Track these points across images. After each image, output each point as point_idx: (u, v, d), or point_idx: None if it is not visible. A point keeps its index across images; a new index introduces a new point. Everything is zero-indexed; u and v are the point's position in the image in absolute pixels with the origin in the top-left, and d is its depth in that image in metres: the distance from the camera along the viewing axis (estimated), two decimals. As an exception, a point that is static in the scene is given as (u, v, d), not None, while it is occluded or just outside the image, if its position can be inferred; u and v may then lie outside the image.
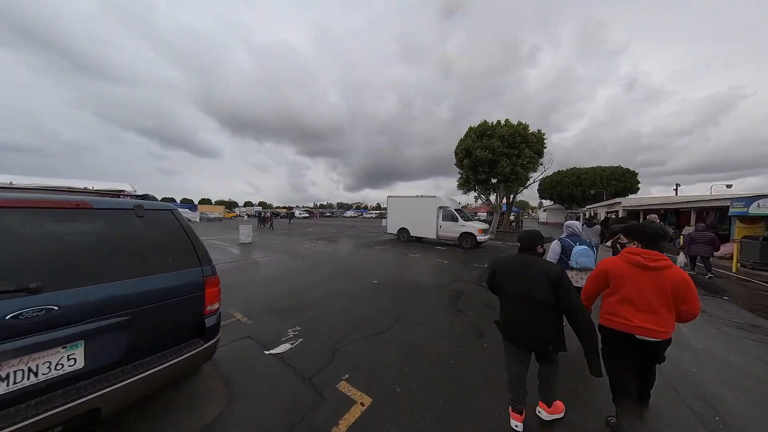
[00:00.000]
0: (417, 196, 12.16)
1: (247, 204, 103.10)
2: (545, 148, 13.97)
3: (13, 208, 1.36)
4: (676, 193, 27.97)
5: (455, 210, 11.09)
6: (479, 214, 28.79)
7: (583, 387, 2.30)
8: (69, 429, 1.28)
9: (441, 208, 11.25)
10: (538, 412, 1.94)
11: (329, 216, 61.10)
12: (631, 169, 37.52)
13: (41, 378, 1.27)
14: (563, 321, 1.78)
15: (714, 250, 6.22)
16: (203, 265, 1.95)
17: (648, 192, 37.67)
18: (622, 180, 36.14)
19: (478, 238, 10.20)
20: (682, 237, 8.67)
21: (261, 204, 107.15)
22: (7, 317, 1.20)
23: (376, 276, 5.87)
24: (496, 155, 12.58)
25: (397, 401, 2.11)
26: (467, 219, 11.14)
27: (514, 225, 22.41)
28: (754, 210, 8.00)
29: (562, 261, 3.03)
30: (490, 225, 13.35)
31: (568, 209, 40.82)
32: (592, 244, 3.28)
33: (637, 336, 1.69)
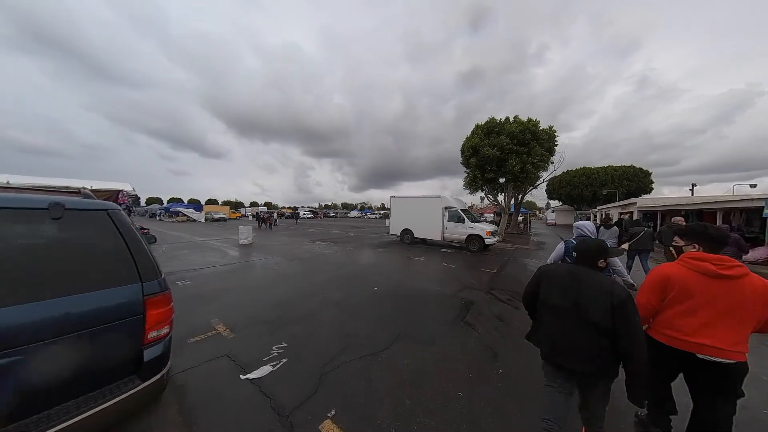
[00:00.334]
0: (421, 196, 11.69)
1: (253, 204, 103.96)
2: (556, 145, 13.31)
3: None
4: (692, 193, 26.81)
5: (462, 210, 10.58)
6: (485, 215, 28.10)
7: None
8: None
9: (447, 208, 10.76)
10: None
11: (333, 216, 61.00)
12: (645, 169, 36.27)
13: None
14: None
15: (742, 253, 5.63)
16: (145, 281, 1.53)
17: (660, 192, 36.39)
18: (634, 180, 34.94)
19: (486, 240, 9.67)
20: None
21: (266, 204, 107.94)
22: None
23: (376, 282, 5.43)
24: (504, 153, 11.98)
25: (394, 452, 1.68)
26: (474, 220, 10.62)
27: (522, 226, 21.69)
28: (792, 211, 7.29)
29: (565, 262, 2.82)
30: (497, 226, 12.79)
31: (577, 210, 39.70)
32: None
33: (699, 355, 1.43)
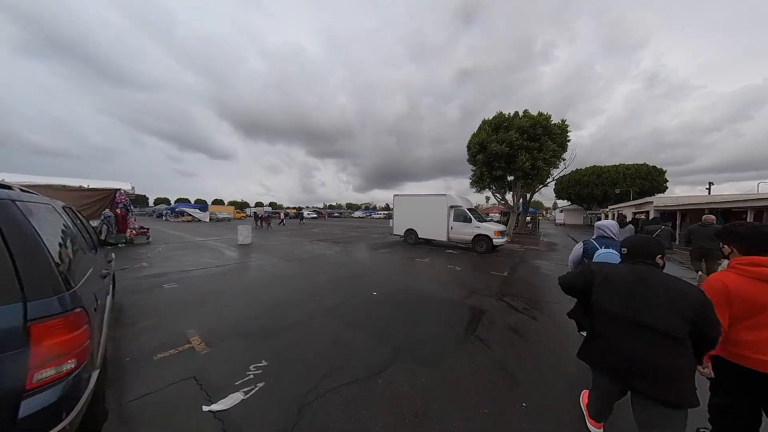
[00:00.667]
0: (426, 194, 11.19)
1: (258, 204, 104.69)
2: (569, 141, 12.63)
3: None
4: (708, 192, 25.72)
5: (468, 210, 10.06)
6: (491, 215, 27.35)
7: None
8: None
9: (452, 207, 10.25)
10: None
11: (337, 216, 60.81)
12: (658, 167, 34.99)
13: None
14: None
15: None
16: (32, 298, 1.10)
17: (671, 192, 35.02)
18: (647, 178, 33.74)
19: (494, 241, 9.13)
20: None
21: (271, 204, 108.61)
22: None
23: (376, 286, 4.99)
24: (514, 149, 11.37)
25: None
26: (482, 219, 10.08)
27: (530, 226, 20.96)
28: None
29: (581, 265, 2.56)
30: (506, 226, 12.21)
31: (587, 210, 38.56)
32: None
33: None
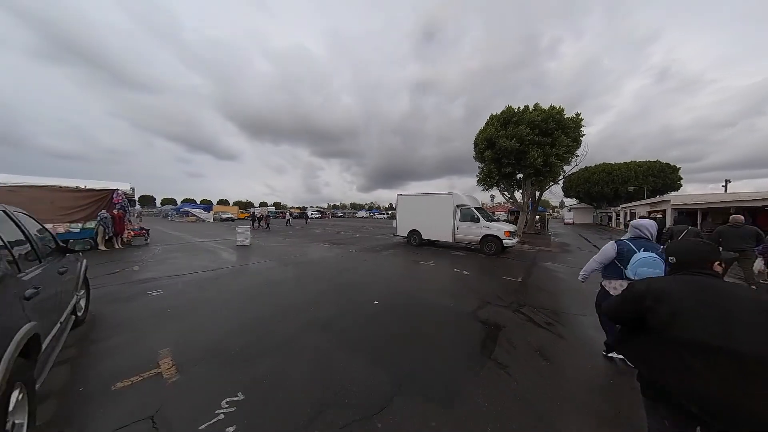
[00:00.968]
0: (430, 193, 10.69)
1: (263, 204, 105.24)
2: (582, 136, 11.94)
3: None
4: (725, 190, 24.67)
5: (476, 209, 9.53)
6: (497, 214, 26.61)
7: None
8: None
9: (458, 206, 9.73)
10: None
11: (341, 216, 60.64)
12: (672, 164, 33.79)
13: None
14: None
15: None
16: None
17: (683, 190, 33.79)
18: (660, 176, 32.61)
19: (504, 241, 8.60)
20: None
21: (275, 204, 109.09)
22: None
23: (377, 294, 4.54)
24: (524, 144, 10.76)
25: None
26: (490, 219, 9.55)
27: (539, 226, 20.23)
28: None
29: (614, 268, 2.50)
30: (515, 226, 11.63)
31: (597, 209, 37.50)
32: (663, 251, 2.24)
33: None
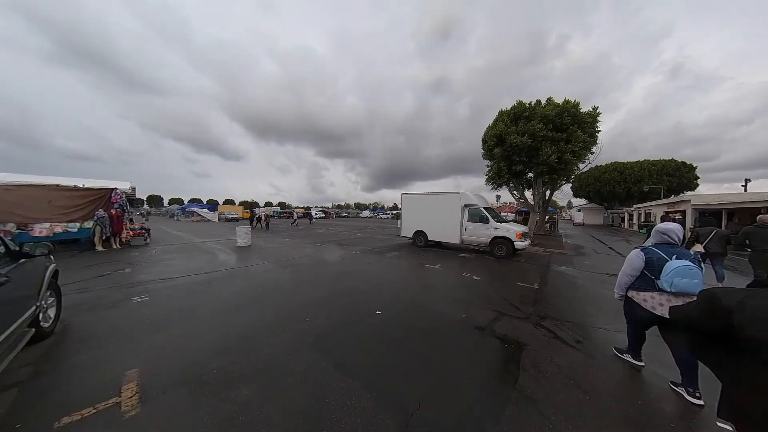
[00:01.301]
0: (437, 193, 10.21)
1: (267, 204, 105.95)
2: (599, 131, 11.26)
3: None
4: (744, 189, 23.60)
5: (485, 209, 9.03)
6: (504, 214, 25.85)
7: None
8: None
9: (467, 206, 9.24)
10: None
11: (345, 216, 60.45)
12: (688, 163, 32.55)
13: None
14: None
15: None
16: None
17: (698, 190, 32.57)
18: (676, 175, 31.42)
19: (515, 243, 8.08)
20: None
21: (280, 204, 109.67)
22: None
23: (380, 302, 4.11)
24: (536, 141, 10.18)
25: None
26: (500, 220, 9.03)
27: (548, 227, 19.51)
28: None
29: (644, 279, 2.26)
30: (527, 227, 11.05)
31: (608, 209, 36.37)
32: (697, 257, 2.14)
33: None
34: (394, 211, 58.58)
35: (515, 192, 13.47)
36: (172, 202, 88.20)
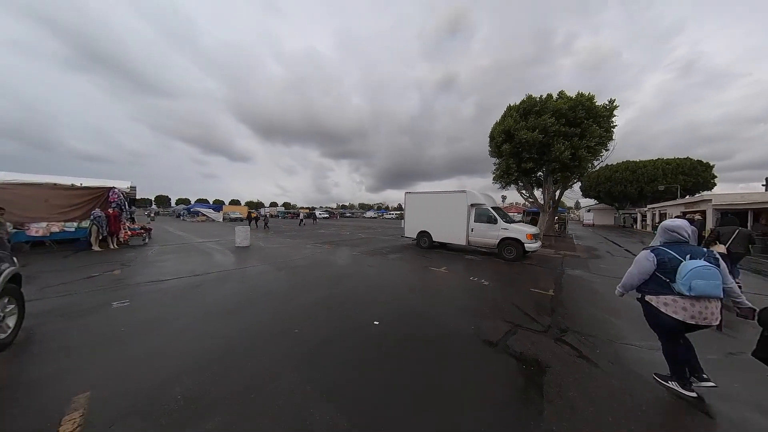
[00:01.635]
0: (442, 192, 9.77)
1: (273, 204, 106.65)
2: (614, 126, 10.62)
3: None
4: (766, 189, 22.50)
5: (493, 208, 8.56)
6: (510, 215, 25.13)
7: None
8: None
9: (473, 206, 8.79)
10: None
11: (349, 216, 60.23)
12: (704, 161, 31.31)
13: None
14: None
15: None
16: None
17: (714, 190, 31.37)
18: (692, 174, 30.22)
19: (526, 245, 7.60)
20: None
21: (285, 204, 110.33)
22: None
23: (379, 310, 3.72)
24: (548, 136, 9.62)
25: None
26: (509, 220, 8.54)
27: (557, 227, 18.82)
28: None
29: (658, 282, 2.01)
30: (537, 228, 10.52)
31: (619, 209, 35.26)
32: (715, 255, 1.94)
33: None
34: (398, 212, 58.17)
35: (524, 191, 12.89)
36: (179, 202, 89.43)
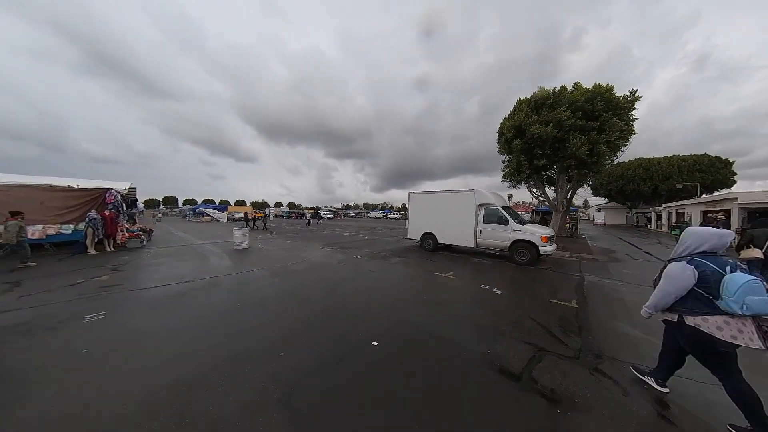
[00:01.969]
0: (448, 191, 9.25)
1: (278, 204, 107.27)
2: (635, 119, 9.85)
3: None
4: (792, 187, 21.23)
5: (503, 208, 8.01)
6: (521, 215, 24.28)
7: None
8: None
9: (482, 205, 8.25)
10: None
11: (353, 216, 60.00)
12: (723, 158, 29.91)
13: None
14: None
15: None
16: None
17: (734, 187, 29.88)
18: (710, 171, 28.89)
19: (540, 248, 7.03)
20: None
21: (290, 205, 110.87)
22: None
23: (378, 327, 3.26)
24: (563, 131, 8.96)
25: None
26: (522, 221, 7.97)
27: (569, 227, 18.01)
28: None
29: (699, 299, 1.76)
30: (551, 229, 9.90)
31: (632, 208, 34.01)
32: (754, 266, 2.19)
33: None
34: (402, 212, 57.65)
35: (535, 189, 12.20)
36: (186, 203, 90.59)
